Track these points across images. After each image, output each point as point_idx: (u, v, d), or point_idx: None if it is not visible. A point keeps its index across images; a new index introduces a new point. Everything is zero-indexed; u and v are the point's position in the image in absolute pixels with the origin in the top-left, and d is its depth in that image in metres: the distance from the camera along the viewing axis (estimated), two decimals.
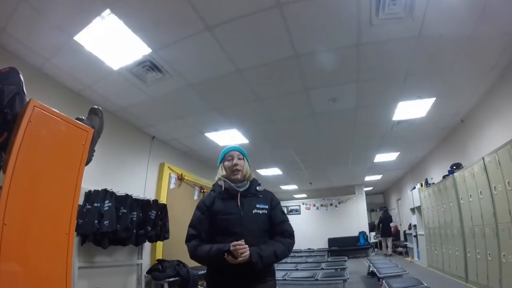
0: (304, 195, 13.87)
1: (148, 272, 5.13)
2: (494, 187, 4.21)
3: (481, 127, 5.26)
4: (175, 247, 5.36)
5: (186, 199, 6.67)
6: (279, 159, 7.88)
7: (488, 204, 4.41)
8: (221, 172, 1.86)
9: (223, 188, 1.79)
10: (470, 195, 5.06)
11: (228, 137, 5.85)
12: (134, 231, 4.55)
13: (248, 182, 1.84)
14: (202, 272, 5.15)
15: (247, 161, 1.92)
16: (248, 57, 3.53)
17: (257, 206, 1.76)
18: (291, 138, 6.24)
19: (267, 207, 1.78)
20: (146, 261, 5.29)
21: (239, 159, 1.86)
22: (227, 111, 4.88)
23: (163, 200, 5.68)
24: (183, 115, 5.08)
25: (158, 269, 5.09)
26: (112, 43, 3.21)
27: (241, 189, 1.79)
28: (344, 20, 3.00)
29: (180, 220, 5.23)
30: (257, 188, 1.86)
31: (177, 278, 5.07)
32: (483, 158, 4.49)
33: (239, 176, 1.82)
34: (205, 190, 7.17)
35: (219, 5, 2.77)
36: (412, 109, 5.21)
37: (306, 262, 7.98)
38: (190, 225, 1.75)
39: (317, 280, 5.11)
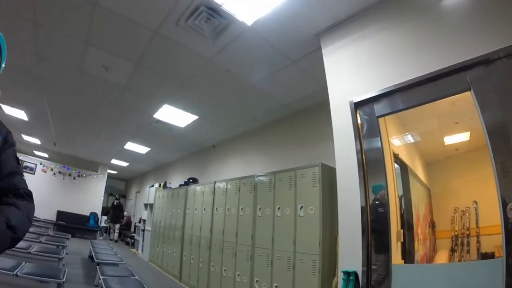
0: (46, 155, 11.27)
1: None
2: (216, 208, 4.87)
3: (226, 158, 6.17)
4: None
5: None
6: (28, 102, 5.91)
7: (208, 220, 5.05)
8: None
9: None
10: (196, 208, 5.65)
11: None
12: None
13: None
14: None
15: (1, 65, 1.14)
16: None
17: None
18: (49, 84, 4.80)
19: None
20: None
21: None
22: None
23: None
24: None
25: None
26: None
27: None
28: (158, 3, 2.63)
29: None
30: None
31: None
32: (215, 182, 5.13)
33: None
34: None
35: None
36: (175, 116, 5.31)
37: None
38: None
39: (30, 253, 4.66)
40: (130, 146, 8.15)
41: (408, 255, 2.27)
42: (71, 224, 10.42)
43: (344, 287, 1.92)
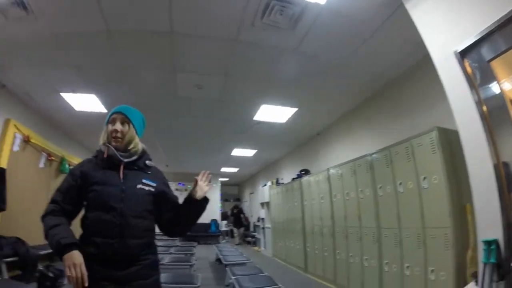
0: None
1: None
2: (334, 195, 4.84)
3: (333, 143, 6.05)
4: (14, 221, 4.54)
5: (30, 166, 5.43)
6: None
7: (327, 208, 5.05)
8: (103, 136, 1.53)
9: (105, 155, 1.47)
10: (313, 198, 5.71)
11: (86, 102, 4.99)
12: None
13: (136, 155, 1.55)
14: (45, 252, 4.64)
15: (135, 127, 1.57)
16: (123, 20, 2.99)
17: (143, 181, 1.50)
18: (152, 115, 5.67)
19: (155, 185, 1.54)
20: None
21: (123, 123, 1.52)
22: (87, 72, 4.05)
23: (3, 164, 4.39)
24: (39, 64, 3.92)
25: None
26: None
27: (126, 160, 1.49)
28: (229, 12, 2.82)
29: (21, 190, 4.81)
30: (147, 162, 1.59)
31: (16, 258, 4.11)
32: (328, 169, 5.10)
33: (118, 145, 1.50)
34: (53, 158, 6.13)
35: None
36: (274, 113, 5.47)
37: (156, 245, 7.53)
38: (56, 191, 1.43)
39: (163, 264, 4.95)
40: (237, 152, 8.71)
41: None
42: (195, 233, 11.45)
43: (485, 258, 1.70)
